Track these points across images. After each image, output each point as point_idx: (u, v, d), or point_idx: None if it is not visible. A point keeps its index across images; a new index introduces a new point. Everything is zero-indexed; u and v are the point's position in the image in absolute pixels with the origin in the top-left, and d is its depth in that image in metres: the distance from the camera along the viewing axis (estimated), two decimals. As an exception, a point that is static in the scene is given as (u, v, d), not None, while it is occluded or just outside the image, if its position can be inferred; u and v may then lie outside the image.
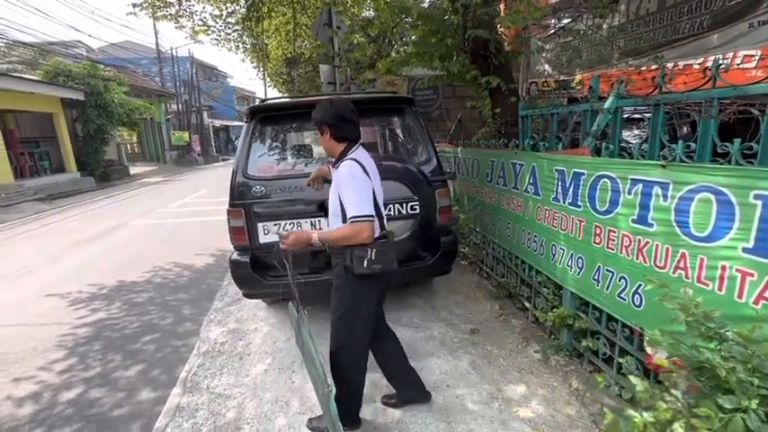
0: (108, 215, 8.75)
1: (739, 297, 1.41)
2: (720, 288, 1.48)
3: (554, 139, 2.85)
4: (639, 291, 1.86)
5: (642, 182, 1.80)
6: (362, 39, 7.38)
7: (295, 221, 2.85)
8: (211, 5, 7.97)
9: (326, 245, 1.83)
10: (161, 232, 6.96)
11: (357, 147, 1.86)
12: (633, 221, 1.86)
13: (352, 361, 1.93)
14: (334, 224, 1.86)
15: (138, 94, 18.21)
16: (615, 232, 1.98)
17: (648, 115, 2.25)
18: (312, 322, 2.02)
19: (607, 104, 2.25)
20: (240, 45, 10.51)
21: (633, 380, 1.31)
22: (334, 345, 1.92)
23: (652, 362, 1.73)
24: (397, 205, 2.63)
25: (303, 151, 3.41)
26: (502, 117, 4.04)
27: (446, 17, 3.97)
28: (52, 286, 4.44)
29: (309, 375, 1.95)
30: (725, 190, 1.44)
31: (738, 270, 1.41)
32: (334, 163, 1.90)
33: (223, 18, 8.54)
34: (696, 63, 3.56)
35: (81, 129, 14.29)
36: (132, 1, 7.01)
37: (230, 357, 2.83)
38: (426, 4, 4.90)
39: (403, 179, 2.60)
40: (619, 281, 1.98)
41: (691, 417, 1.12)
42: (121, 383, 2.66)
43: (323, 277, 2.82)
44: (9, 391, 2.62)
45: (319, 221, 2.84)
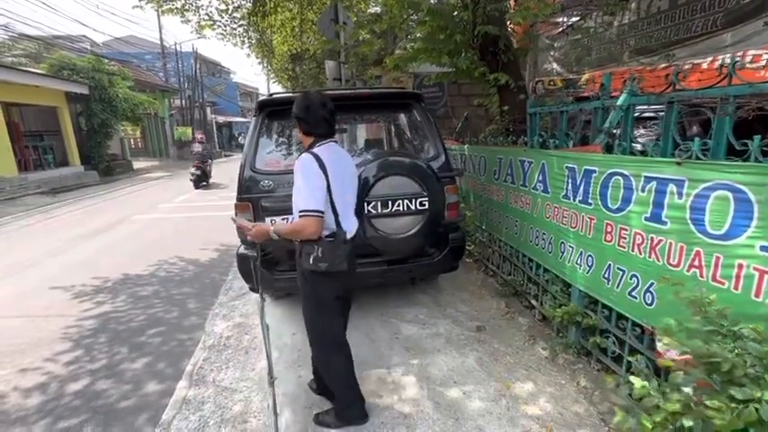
0: (111, 209, 8.76)
1: (756, 296, 1.40)
2: (737, 287, 1.46)
3: (564, 137, 2.83)
4: (651, 289, 1.84)
5: (656, 179, 1.78)
6: (368, 35, 7.36)
7: None
8: (218, 0, 7.97)
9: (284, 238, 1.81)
10: (165, 226, 6.95)
11: (326, 142, 1.82)
12: (646, 219, 1.84)
13: (323, 353, 2.02)
14: (295, 218, 1.83)
15: (142, 89, 18.19)
16: (627, 230, 1.97)
17: (662, 113, 2.22)
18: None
19: (620, 101, 2.22)
20: (245, 40, 10.49)
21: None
22: (309, 337, 2.00)
23: (664, 357, 1.72)
24: (406, 201, 2.61)
25: None
26: (510, 114, 4.02)
27: (456, 13, 3.95)
28: (57, 279, 4.45)
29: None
30: (743, 187, 1.43)
31: (756, 269, 1.40)
32: None
33: (229, 13, 8.53)
34: (705, 62, 3.54)
35: (85, 123, 14.26)
36: (138, -6, 7.04)
37: (236, 351, 2.83)
38: (435, 0, 4.87)
39: (411, 174, 2.58)
40: (630, 279, 1.97)
41: (703, 409, 1.11)
42: (128, 376, 2.66)
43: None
44: (16, 382, 2.62)
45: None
